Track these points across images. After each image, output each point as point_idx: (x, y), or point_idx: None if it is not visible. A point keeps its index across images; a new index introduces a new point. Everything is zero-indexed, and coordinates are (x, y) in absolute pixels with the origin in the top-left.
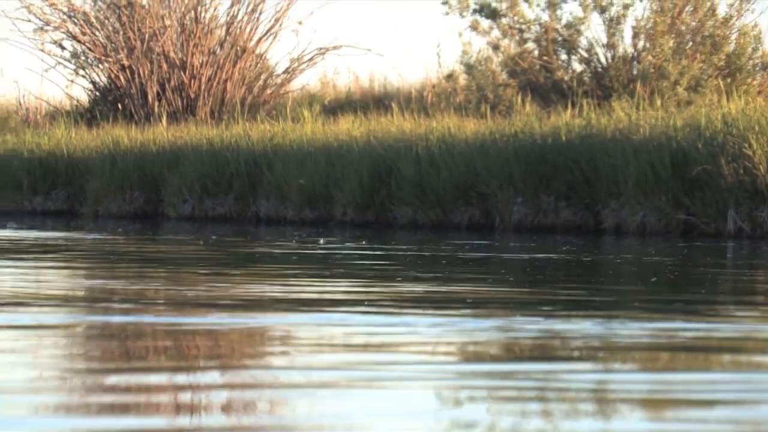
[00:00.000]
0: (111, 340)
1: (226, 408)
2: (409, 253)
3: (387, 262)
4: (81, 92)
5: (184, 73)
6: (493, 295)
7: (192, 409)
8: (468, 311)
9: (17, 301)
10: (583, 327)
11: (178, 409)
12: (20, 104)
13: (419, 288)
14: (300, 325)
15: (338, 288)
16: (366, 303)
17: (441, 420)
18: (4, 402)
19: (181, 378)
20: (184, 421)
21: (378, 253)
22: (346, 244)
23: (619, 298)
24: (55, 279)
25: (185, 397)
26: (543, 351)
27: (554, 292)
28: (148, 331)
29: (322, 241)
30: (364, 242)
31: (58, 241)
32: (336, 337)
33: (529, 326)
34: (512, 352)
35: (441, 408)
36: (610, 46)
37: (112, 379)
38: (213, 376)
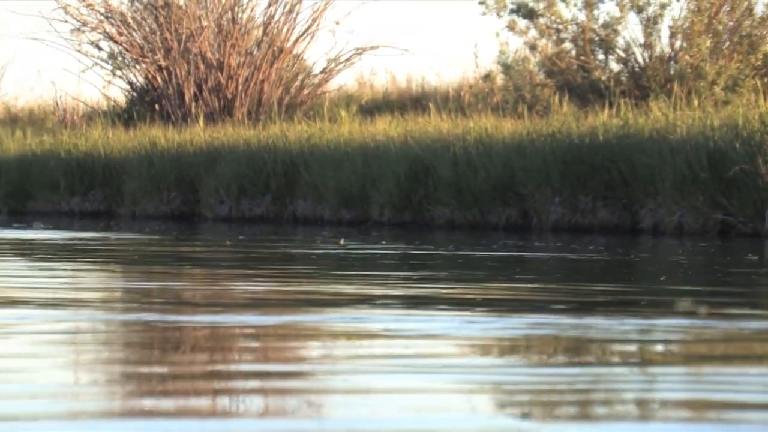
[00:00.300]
0: (149, 340)
1: (265, 408)
2: (443, 252)
3: (422, 262)
4: (118, 93)
5: (221, 73)
6: (533, 296)
7: (230, 410)
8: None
9: (55, 302)
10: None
11: (217, 409)
12: (57, 105)
13: (456, 288)
14: (337, 324)
15: (371, 288)
16: (409, 303)
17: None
18: (42, 406)
19: (220, 377)
20: (223, 420)
21: (415, 252)
22: (371, 244)
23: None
24: (91, 280)
25: (224, 397)
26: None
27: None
28: (186, 331)
29: (342, 241)
30: (383, 242)
31: (94, 242)
32: (375, 335)
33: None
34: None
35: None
36: (647, 45)
37: (150, 379)
38: (251, 375)
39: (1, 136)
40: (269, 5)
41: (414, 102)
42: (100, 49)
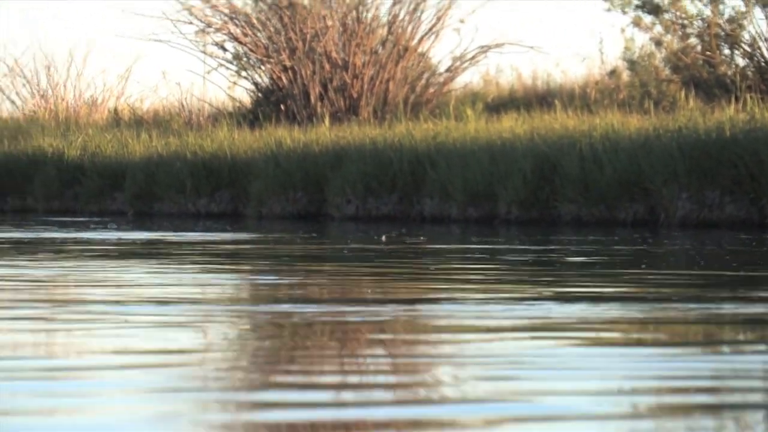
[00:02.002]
0: (278, 335)
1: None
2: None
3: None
4: (243, 93)
5: (347, 72)
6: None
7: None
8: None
9: (186, 299)
10: None
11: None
12: (183, 106)
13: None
14: (463, 315)
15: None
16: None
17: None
18: (172, 399)
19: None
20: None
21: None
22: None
23: None
24: (220, 279)
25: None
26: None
27: None
28: (315, 324)
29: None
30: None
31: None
32: (504, 327)
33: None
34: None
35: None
36: None
37: (280, 374)
38: (379, 368)
39: (127, 139)
40: (394, 4)
41: (539, 99)
42: (225, 50)
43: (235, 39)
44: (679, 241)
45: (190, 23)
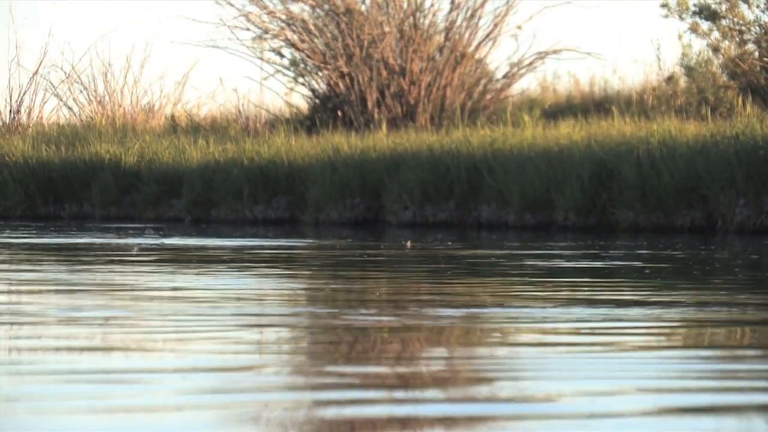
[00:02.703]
0: (335, 338)
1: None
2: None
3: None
4: (300, 100)
5: (404, 79)
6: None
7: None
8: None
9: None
10: None
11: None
12: (240, 113)
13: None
14: (521, 320)
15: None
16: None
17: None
18: (234, 401)
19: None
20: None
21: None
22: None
23: None
24: (279, 283)
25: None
26: None
27: None
28: (370, 329)
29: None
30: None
31: (281, 250)
32: (562, 333)
33: None
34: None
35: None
36: None
37: (336, 374)
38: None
39: (184, 145)
40: (451, 10)
41: (597, 105)
42: (282, 56)
43: (293, 45)
44: (738, 247)
45: (247, 29)
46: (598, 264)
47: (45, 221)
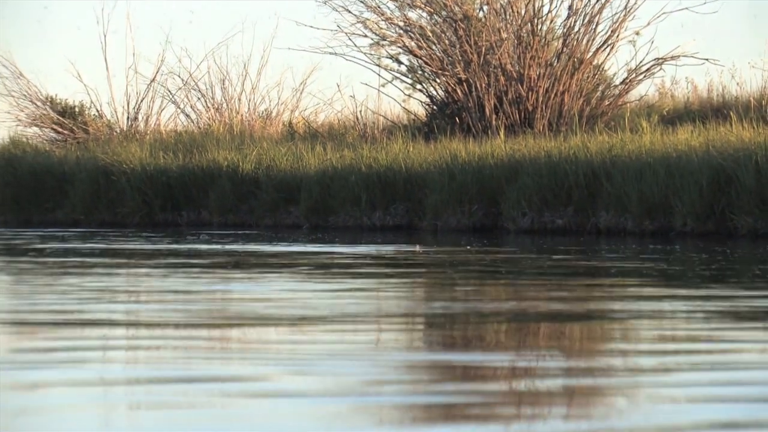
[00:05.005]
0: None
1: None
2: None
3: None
4: (418, 106)
5: (522, 85)
6: None
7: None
8: None
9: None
10: None
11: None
12: (357, 119)
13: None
14: (633, 323)
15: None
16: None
17: None
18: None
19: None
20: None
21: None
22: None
23: None
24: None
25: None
26: None
27: None
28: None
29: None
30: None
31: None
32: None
33: None
34: None
35: None
36: None
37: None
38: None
39: (302, 152)
40: (569, 17)
41: (715, 111)
42: (399, 63)
43: (410, 52)
44: None
45: (365, 36)
46: None
47: (163, 228)
